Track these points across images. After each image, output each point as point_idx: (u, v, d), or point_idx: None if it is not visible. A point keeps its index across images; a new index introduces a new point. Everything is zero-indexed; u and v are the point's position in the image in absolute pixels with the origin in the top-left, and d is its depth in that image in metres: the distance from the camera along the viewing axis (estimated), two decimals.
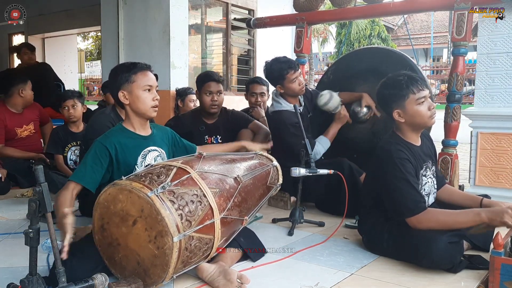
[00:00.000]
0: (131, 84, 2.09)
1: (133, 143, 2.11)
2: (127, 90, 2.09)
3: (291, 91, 3.19)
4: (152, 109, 2.11)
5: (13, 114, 4.15)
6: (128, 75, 2.09)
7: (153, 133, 2.22)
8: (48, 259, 2.13)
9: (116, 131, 2.15)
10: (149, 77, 2.12)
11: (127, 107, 2.12)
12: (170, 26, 4.88)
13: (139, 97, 2.09)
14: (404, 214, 2.09)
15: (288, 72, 3.12)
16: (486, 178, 3.56)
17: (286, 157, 2.97)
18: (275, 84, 3.25)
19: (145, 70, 2.13)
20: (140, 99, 2.09)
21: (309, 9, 4.07)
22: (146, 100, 2.09)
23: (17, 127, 4.17)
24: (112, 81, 2.16)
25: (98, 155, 2.03)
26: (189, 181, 1.84)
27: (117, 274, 1.85)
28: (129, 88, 2.09)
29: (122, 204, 1.76)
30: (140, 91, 2.09)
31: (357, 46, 16.61)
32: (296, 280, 1.95)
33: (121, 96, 2.10)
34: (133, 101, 2.09)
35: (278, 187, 2.44)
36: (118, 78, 2.11)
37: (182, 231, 1.69)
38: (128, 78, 2.08)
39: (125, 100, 2.10)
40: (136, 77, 2.09)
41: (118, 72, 2.13)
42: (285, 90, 3.20)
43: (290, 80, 3.14)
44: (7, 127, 4.08)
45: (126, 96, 2.09)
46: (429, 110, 2.18)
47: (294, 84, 3.15)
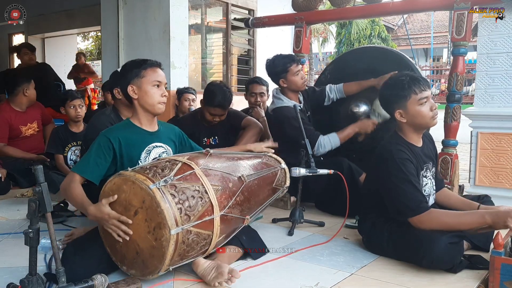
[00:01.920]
0: (141, 79, 2.12)
1: (138, 138, 2.14)
2: (136, 84, 2.12)
3: (293, 85, 3.23)
4: (160, 104, 2.14)
5: (17, 112, 4.24)
6: (138, 70, 2.12)
7: (160, 130, 2.24)
8: (46, 259, 2.13)
9: (122, 125, 2.19)
10: (159, 73, 2.15)
11: (135, 102, 2.15)
12: (170, 26, 4.88)
13: (148, 92, 2.11)
14: (406, 215, 2.09)
15: (291, 65, 3.19)
16: (486, 178, 3.56)
17: (287, 155, 2.97)
18: (277, 79, 3.27)
19: (155, 66, 2.16)
20: (149, 94, 2.11)
21: (308, 9, 4.07)
22: (155, 95, 2.12)
23: (22, 125, 4.25)
24: (121, 75, 2.19)
25: (102, 148, 2.05)
26: (192, 177, 1.87)
27: (117, 262, 1.89)
28: (138, 83, 2.12)
29: (125, 194, 1.80)
30: (149, 86, 2.11)
31: (357, 46, 16.60)
32: (296, 280, 1.95)
33: (130, 90, 2.12)
34: (141, 96, 2.12)
35: (285, 189, 2.44)
36: (128, 73, 2.14)
37: (180, 225, 1.72)
38: (138, 73, 2.12)
39: (133, 95, 2.13)
40: (146, 72, 2.12)
41: (128, 67, 2.17)
42: (288, 84, 3.24)
43: (293, 72, 3.19)
44: (12, 126, 4.17)
45: (135, 90, 2.12)
46: (431, 110, 2.18)
47: (297, 77, 3.21)
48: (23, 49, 5.72)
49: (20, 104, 4.25)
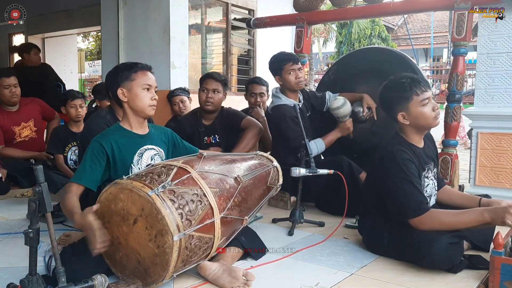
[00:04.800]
0: (131, 82, 2.12)
1: (129, 141, 2.14)
2: (126, 87, 2.13)
3: (287, 83, 3.24)
4: (150, 107, 2.14)
5: (8, 112, 4.04)
6: (129, 73, 2.13)
7: (151, 132, 2.24)
8: (45, 259, 2.12)
9: (113, 130, 2.19)
10: (149, 76, 2.16)
11: (125, 105, 2.15)
12: (170, 26, 4.88)
13: (138, 95, 2.12)
14: (407, 215, 2.09)
15: (286, 63, 3.20)
16: (486, 178, 3.56)
17: (287, 154, 2.97)
18: (274, 76, 3.31)
19: (145, 70, 2.17)
20: (139, 97, 2.12)
21: (309, 9, 4.07)
22: (144, 99, 2.12)
23: (15, 125, 4.06)
24: (112, 78, 2.19)
25: (96, 154, 2.05)
26: (189, 181, 1.85)
27: (118, 273, 1.85)
28: (128, 86, 2.12)
29: (123, 203, 1.77)
30: (139, 89, 2.12)
31: (357, 46, 16.60)
32: (296, 280, 1.95)
33: (120, 93, 2.13)
34: (131, 98, 2.13)
35: (279, 187, 2.44)
36: (119, 75, 2.15)
37: (182, 230, 1.70)
38: (129, 76, 2.13)
39: (123, 98, 2.13)
40: (136, 75, 2.13)
41: (119, 70, 2.18)
42: (282, 82, 3.27)
43: (287, 71, 3.20)
44: (3, 127, 3.99)
45: (125, 93, 2.13)
46: (433, 111, 2.18)
47: (290, 76, 3.21)
48: (34, 49, 5.56)
49: (7, 102, 3.98)
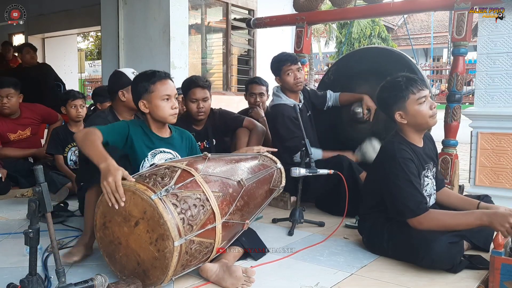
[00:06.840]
0: (150, 94, 2.17)
1: (147, 139, 2.20)
2: (146, 99, 2.18)
3: (286, 84, 3.24)
4: (171, 116, 2.20)
5: (6, 120, 3.97)
6: (148, 84, 2.18)
7: (173, 136, 2.30)
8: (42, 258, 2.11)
9: (138, 123, 2.27)
10: (167, 86, 2.19)
11: (147, 115, 2.23)
12: (170, 26, 4.88)
13: (158, 106, 2.17)
14: (405, 215, 2.09)
15: (284, 64, 3.21)
16: (486, 178, 3.56)
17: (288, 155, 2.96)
18: (275, 76, 3.32)
19: (164, 79, 2.20)
20: (159, 108, 2.17)
21: (309, 9, 4.07)
22: (165, 109, 2.18)
23: (10, 132, 4.00)
24: (133, 90, 2.26)
25: (121, 126, 2.17)
26: (192, 184, 1.84)
27: (117, 272, 1.86)
28: (148, 98, 2.18)
29: (125, 204, 1.77)
30: (159, 101, 2.17)
31: (357, 46, 16.59)
32: (296, 280, 1.95)
33: (141, 105, 2.20)
34: (152, 110, 2.19)
35: (281, 189, 2.44)
36: (138, 88, 2.20)
37: (184, 235, 1.69)
38: (148, 88, 2.17)
39: (145, 109, 2.20)
40: (155, 87, 2.17)
41: (138, 81, 2.23)
42: (281, 83, 3.28)
43: (285, 72, 3.20)
44: None
45: (146, 105, 2.19)
46: (430, 109, 2.18)
47: (288, 77, 3.21)
48: (26, 48, 5.61)
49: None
